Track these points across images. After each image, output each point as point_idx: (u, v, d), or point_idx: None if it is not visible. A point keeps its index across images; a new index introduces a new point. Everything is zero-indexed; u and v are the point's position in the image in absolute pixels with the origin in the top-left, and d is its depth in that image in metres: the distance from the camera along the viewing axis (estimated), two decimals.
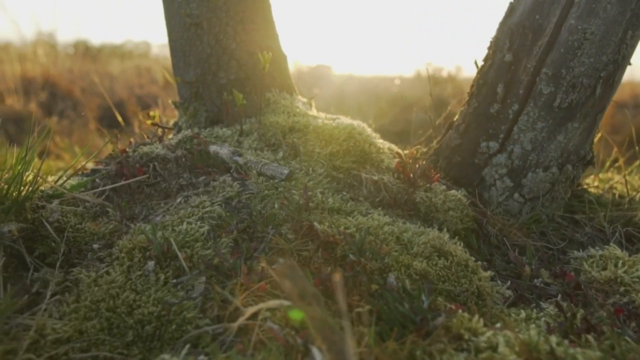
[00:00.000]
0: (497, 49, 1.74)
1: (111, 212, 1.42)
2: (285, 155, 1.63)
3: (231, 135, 1.73)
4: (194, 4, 1.82)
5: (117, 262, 1.25)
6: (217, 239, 1.33)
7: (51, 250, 1.34)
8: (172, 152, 1.64)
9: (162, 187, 1.55)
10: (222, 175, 1.57)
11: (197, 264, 1.25)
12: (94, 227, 1.37)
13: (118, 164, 1.64)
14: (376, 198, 1.57)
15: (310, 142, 1.67)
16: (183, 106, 1.96)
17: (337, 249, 1.29)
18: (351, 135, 1.69)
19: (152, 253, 1.25)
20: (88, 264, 1.27)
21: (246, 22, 1.85)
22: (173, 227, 1.36)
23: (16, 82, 4.55)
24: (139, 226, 1.35)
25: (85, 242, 1.35)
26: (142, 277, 1.20)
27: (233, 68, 1.84)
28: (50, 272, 1.28)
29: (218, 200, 1.45)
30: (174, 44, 1.93)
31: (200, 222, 1.37)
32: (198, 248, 1.28)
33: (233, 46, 1.84)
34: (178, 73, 1.94)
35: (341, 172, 1.63)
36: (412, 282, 1.23)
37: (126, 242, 1.29)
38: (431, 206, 1.56)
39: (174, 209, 1.45)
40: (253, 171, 1.54)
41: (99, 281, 1.20)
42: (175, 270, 1.23)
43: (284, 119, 1.76)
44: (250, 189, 1.49)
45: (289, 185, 1.50)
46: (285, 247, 1.31)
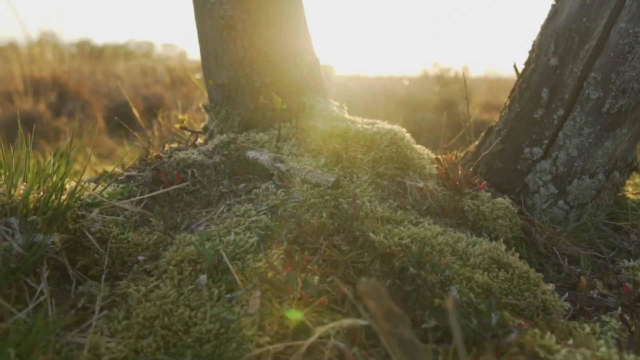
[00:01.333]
0: (541, 52, 1.69)
1: (154, 222, 1.37)
2: (327, 161, 1.58)
3: (269, 140, 1.68)
4: (227, 6, 1.77)
5: (166, 276, 1.19)
6: (267, 250, 1.28)
7: (94, 262, 1.28)
8: (210, 158, 1.59)
9: (202, 194, 1.50)
10: (264, 182, 1.52)
11: (250, 277, 1.20)
12: (137, 238, 1.31)
13: (153, 170, 1.59)
14: (422, 206, 1.53)
15: (351, 148, 1.62)
16: (214, 110, 1.91)
17: (394, 260, 1.25)
18: (393, 140, 1.64)
19: (203, 266, 1.20)
20: (135, 277, 1.22)
21: (281, 24, 1.80)
22: (220, 237, 1.31)
23: (25, 83, 4.46)
24: (183, 236, 1.30)
25: (129, 254, 1.30)
26: (194, 292, 1.14)
27: (267, 71, 1.79)
28: (95, 285, 1.22)
29: (263, 209, 1.40)
30: (206, 46, 1.88)
31: (248, 232, 1.32)
32: (249, 260, 1.23)
33: (267, 49, 1.79)
34: (210, 76, 1.89)
35: (385, 179, 1.58)
36: (475, 295, 1.19)
37: (173, 254, 1.24)
38: (479, 214, 1.52)
39: (218, 218, 1.40)
40: (297, 178, 1.49)
41: (150, 296, 1.14)
42: (228, 284, 1.18)
43: (322, 124, 1.71)
44: (295, 197, 1.44)
45: (336, 193, 1.45)
46: (339, 258, 1.26)
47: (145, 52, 9.89)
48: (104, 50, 7.41)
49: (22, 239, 1.20)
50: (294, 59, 1.83)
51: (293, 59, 1.83)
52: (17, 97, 4.33)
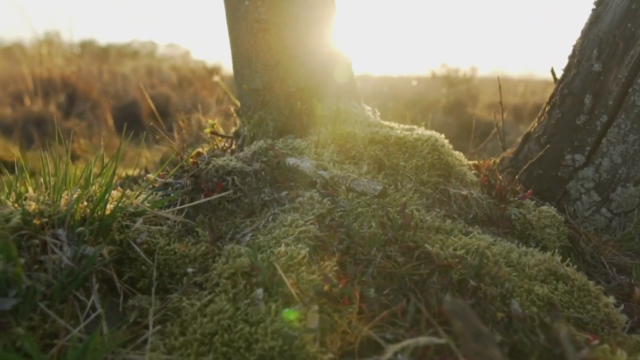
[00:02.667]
0: (583, 57, 1.67)
1: (200, 232, 1.33)
2: (370, 169, 1.55)
3: (307, 146, 1.64)
4: (262, 9, 1.73)
5: (219, 289, 1.16)
6: (320, 262, 1.25)
7: (141, 274, 1.25)
8: (249, 165, 1.55)
9: (244, 203, 1.46)
10: (306, 190, 1.49)
11: (305, 290, 1.17)
12: (184, 249, 1.28)
13: (192, 177, 1.55)
14: (468, 215, 1.50)
15: (393, 154, 1.59)
16: (247, 114, 1.87)
17: (451, 272, 1.22)
18: (434, 147, 1.61)
19: (258, 279, 1.16)
20: (186, 290, 1.18)
21: (316, 28, 1.77)
22: (270, 248, 1.28)
23: (35, 83, 4.40)
24: (231, 248, 1.27)
25: (177, 265, 1.26)
26: (251, 307, 1.11)
27: (303, 76, 1.76)
28: (145, 299, 1.19)
29: (310, 219, 1.37)
30: (239, 50, 1.84)
31: (298, 243, 1.29)
32: (303, 272, 1.20)
33: (303, 53, 1.75)
34: (242, 80, 1.85)
35: (428, 186, 1.55)
36: (537, 309, 1.16)
37: (225, 267, 1.20)
38: (526, 223, 1.49)
39: (264, 228, 1.36)
40: (342, 187, 1.46)
41: (205, 311, 1.11)
42: (284, 298, 1.15)
43: (361, 130, 1.68)
44: (341, 206, 1.41)
45: (383, 202, 1.42)
46: (395, 271, 1.23)
47: (149, 52, 9.83)
48: (107, 50, 7.33)
49: (71, 251, 1.16)
50: (330, 64, 1.80)
51: (329, 63, 1.80)
52: (26, 98, 4.27)
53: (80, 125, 4.14)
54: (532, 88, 7.16)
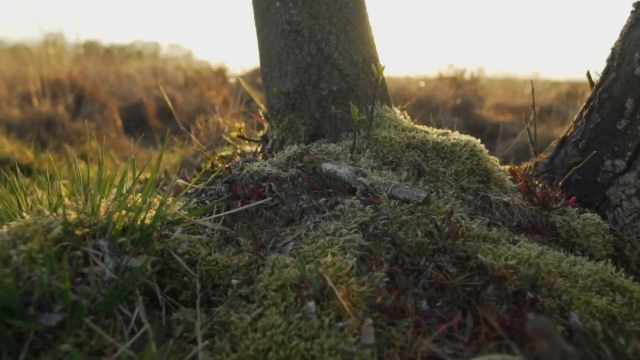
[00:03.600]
0: (623, 61, 1.64)
1: (242, 242, 1.29)
2: (409, 175, 1.51)
3: (342, 151, 1.60)
4: (294, 11, 1.69)
5: (268, 302, 1.12)
6: (369, 272, 1.21)
7: (183, 285, 1.20)
8: (284, 171, 1.51)
9: (282, 210, 1.42)
10: (345, 197, 1.45)
11: (356, 303, 1.13)
12: (227, 259, 1.23)
13: (226, 183, 1.51)
14: (512, 222, 1.46)
15: (432, 160, 1.55)
16: (276, 118, 1.83)
17: (505, 284, 1.18)
18: (473, 152, 1.57)
19: (309, 292, 1.12)
20: (232, 303, 1.14)
21: (349, 30, 1.73)
22: (315, 258, 1.24)
23: (43, 84, 4.33)
24: (276, 258, 1.22)
25: (220, 277, 1.22)
26: (303, 320, 1.07)
27: (335, 79, 1.72)
28: (189, 312, 1.14)
29: (353, 227, 1.33)
30: (268, 52, 1.80)
31: (344, 253, 1.25)
32: (353, 284, 1.16)
33: (335, 55, 1.71)
34: (271, 83, 1.81)
35: (469, 193, 1.51)
36: (595, 321, 1.12)
37: (271, 278, 1.16)
38: (570, 231, 1.45)
39: (307, 237, 1.32)
40: (383, 194, 1.41)
41: (256, 325, 1.07)
42: (336, 311, 1.11)
43: (396, 134, 1.64)
44: (384, 213, 1.37)
45: (427, 210, 1.38)
46: (447, 282, 1.19)
47: (152, 53, 9.73)
48: (110, 51, 7.26)
49: (113, 263, 1.12)
50: (363, 65, 1.76)
51: (362, 65, 1.76)
52: (35, 99, 4.20)
53: (89, 126, 4.06)
54: (538, 88, 7.14)
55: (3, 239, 1.09)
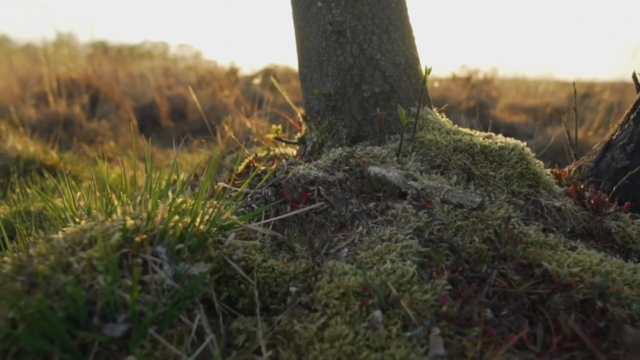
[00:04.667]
0: None
1: (298, 248, 1.26)
2: (459, 179, 1.48)
3: (387, 154, 1.57)
4: (336, 11, 1.66)
5: (331, 311, 1.08)
6: (430, 280, 1.17)
7: (239, 293, 1.17)
8: (331, 174, 1.48)
9: (332, 214, 1.39)
10: (396, 201, 1.41)
11: (421, 311, 1.10)
12: (283, 266, 1.20)
13: (272, 187, 1.48)
14: (565, 227, 1.43)
15: (480, 164, 1.52)
16: (315, 120, 1.79)
17: (572, 292, 1.15)
18: (522, 156, 1.54)
19: (374, 300, 1.09)
20: (294, 311, 1.11)
21: (391, 31, 1.70)
22: (373, 265, 1.21)
23: (59, 84, 4.29)
24: (333, 264, 1.19)
25: (277, 284, 1.18)
26: (370, 330, 1.04)
27: (378, 80, 1.69)
28: (249, 321, 1.11)
29: (409, 233, 1.29)
30: (308, 53, 1.76)
31: (403, 259, 1.22)
32: (416, 292, 1.13)
33: (378, 56, 1.68)
34: (311, 84, 1.78)
35: (520, 198, 1.48)
36: None
37: (332, 286, 1.13)
38: (626, 237, 1.42)
39: (361, 243, 1.29)
40: (436, 198, 1.38)
41: (322, 335, 1.03)
42: (402, 320, 1.07)
43: (442, 137, 1.60)
44: (438, 218, 1.33)
45: (482, 215, 1.35)
46: (511, 290, 1.16)
47: (161, 53, 9.70)
48: (120, 51, 7.23)
49: (171, 270, 1.08)
50: (405, 67, 1.73)
51: (404, 66, 1.72)
52: (51, 99, 4.17)
53: (105, 126, 4.04)
54: (550, 89, 7.11)
55: (60, 246, 1.06)
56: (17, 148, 2.63)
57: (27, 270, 1.04)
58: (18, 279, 1.03)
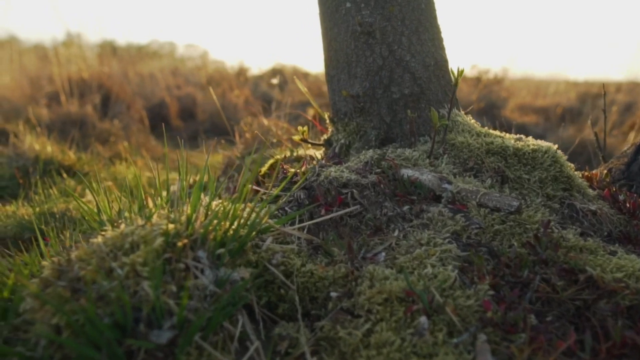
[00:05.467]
0: None
1: (336, 252, 1.24)
2: (493, 182, 1.46)
3: (419, 157, 1.55)
4: (366, 12, 1.64)
5: (375, 317, 1.07)
6: (472, 285, 1.16)
7: (279, 298, 1.16)
8: (363, 177, 1.46)
9: (367, 218, 1.37)
10: (430, 205, 1.40)
11: (465, 317, 1.08)
12: (322, 270, 1.18)
13: (304, 189, 1.46)
14: (602, 232, 1.41)
15: (513, 166, 1.51)
16: (342, 122, 1.78)
17: (617, 298, 1.13)
18: (555, 159, 1.52)
19: (419, 306, 1.07)
20: (336, 317, 1.09)
21: (421, 32, 1.68)
22: (413, 269, 1.19)
23: (71, 84, 4.28)
24: (373, 269, 1.18)
25: (316, 289, 1.17)
26: (416, 337, 1.02)
27: (407, 82, 1.67)
28: (291, 327, 1.10)
29: (446, 237, 1.28)
30: (336, 54, 1.75)
31: (442, 264, 1.20)
32: (460, 297, 1.11)
33: (408, 57, 1.66)
34: (338, 85, 1.76)
35: (555, 201, 1.46)
36: None
37: (373, 291, 1.11)
38: None
39: (399, 247, 1.27)
40: (472, 201, 1.36)
41: (367, 341, 1.02)
42: (446, 326, 1.06)
43: (474, 139, 1.59)
44: (475, 222, 1.32)
45: (520, 219, 1.33)
46: (555, 296, 1.14)
47: (168, 52, 9.70)
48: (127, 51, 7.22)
49: (213, 275, 1.07)
50: (435, 68, 1.71)
51: (433, 67, 1.71)
52: (63, 99, 4.16)
53: (117, 126, 4.03)
54: (560, 89, 7.08)
55: (101, 250, 1.05)
56: (35, 148, 2.61)
57: (68, 275, 1.03)
58: (59, 284, 1.02)
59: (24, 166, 2.48)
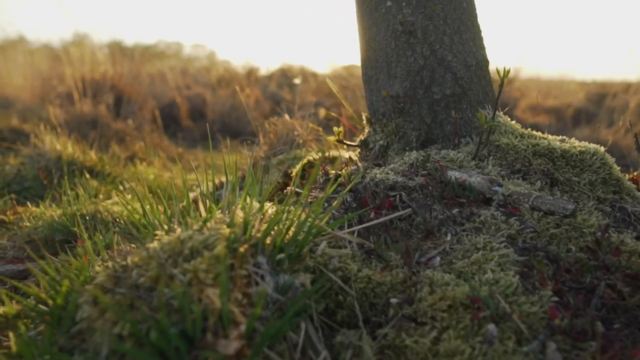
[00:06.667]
0: None
1: (393, 257, 1.21)
2: (543, 184, 1.43)
3: (464, 158, 1.52)
4: (407, 11, 1.61)
5: (440, 324, 1.04)
6: (535, 291, 1.13)
7: (337, 304, 1.13)
8: (410, 179, 1.43)
9: (417, 221, 1.34)
10: (480, 208, 1.37)
11: (532, 324, 1.05)
12: (379, 276, 1.15)
13: (349, 192, 1.43)
14: None
15: (562, 169, 1.48)
16: (380, 122, 1.75)
17: None
18: (604, 161, 1.50)
19: (485, 313, 1.04)
20: (400, 324, 1.06)
21: (462, 31, 1.65)
22: (473, 274, 1.16)
23: (85, 84, 4.25)
24: (432, 274, 1.15)
25: (375, 295, 1.14)
26: (485, 345, 0.99)
27: (449, 82, 1.64)
28: (353, 334, 1.06)
29: (502, 241, 1.25)
30: (374, 54, 1.72)
31: (501, 269, 1.17)
32: (524, 304, 1.08)
33: (449, 57, 1.63)
34: (377, 86, 1.73)
35: (606, 204, 1.43)
36: None
37: (435, 297, 1.08)
38: None
39: (454, 251, 1.24)
40: (524, 205, 1.33)
41: (435, 349, 0.99)
42: (515, 334, 1.03)
43: (518, 141, 1.56)
44: (530, 226, 1.29)
45: (574, 223, 1.30)
46: (621, 302, 1.11)
47: (175, 53, 9.65)
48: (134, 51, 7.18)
49: (273, 282, 1.04)
50: (476, 68, 1.68)
51: (475, 67, 1.68)
52: (77, 99, 4.12)
53: (131, 126, 3.99)
54: (571, 89, 7.05)
55: (159, 256, 1.01)
56: (56, 148, 2.58)
57: (127, 282, 1.00)
58: (118, 291, 0.99)
59: (46, 167, 2.44)
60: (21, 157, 2.65)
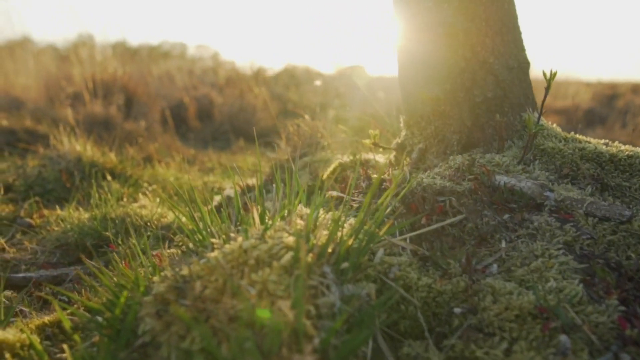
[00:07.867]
0: None
1: (452, 264, 1.18)
2: (593, 190, 1.41)
3: (510, 162, 1.50)
4: (448, 12, 1.58)
5: (510, 335, 1.01)
6: (600, 300, 1.10)
7: (401, 315, 1.10)
8: (458, 184, 1.41)
9: (468, 227, 1.32)
10: (531, 213, 1.34)
11: (602, 335, 1.03)
12: (440, 284, 1.13)
13: (395, 196, 1.40)
14: None
15: (611, 173, 1.46)
16: (419, 125, 1.72)
17: None
18: None
19: (557, 323, 1.02)
20: (468, 335, 1.04)
21: (504, 33, 1.63)
22: (534, 283, 1.14)
23: (95, 85, 4.20)
24: (494, 282, 1.12)
25: (437, 304, 1.11)
26: (559, 356, 0.97)
27: (490, 84, 1.61)
28: (419, 345, 1.04)
29: (559, 247, 1.22)
30: (413, 56, 1.69)
31: (563, 277, 1.15)
32: (591, 314, 1.06)
33: (491, 60, 1.61)
34: (415, 88, 1.70)
35: None
36: None
37: (500, 307, 1.06)
38: None
39: (510, 259, 1.22)
40: (578, 210, 1.31)
41: None
42: (587, 345, 1.01)
43: (564, 145, 1.54)
44: (586, 232, 1.27)
45: (631, 229, 1.28)
46: None
47: (179, 53, 9.58)
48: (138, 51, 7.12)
49: (339, 292, 1.01)
50: (517, 70, 1.66)
51: (516, 69, 1.65)
52: (87, 100, 4.07)
53: (142, 127, 3.95)
54: (577, 90, 7.05)
55: (223, 267, 0.98)
56: (76, 150, 2.53)
57: (191, 293, 0.97)
58: (183, 303, 0.96)
59: (67, 168, 2.40)
60: (39, 159, 2.61)
